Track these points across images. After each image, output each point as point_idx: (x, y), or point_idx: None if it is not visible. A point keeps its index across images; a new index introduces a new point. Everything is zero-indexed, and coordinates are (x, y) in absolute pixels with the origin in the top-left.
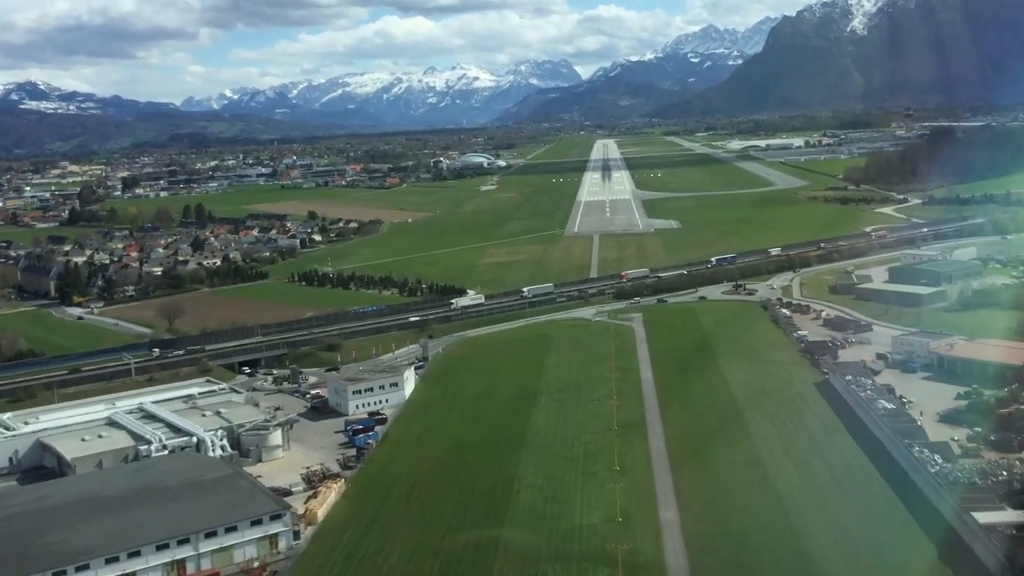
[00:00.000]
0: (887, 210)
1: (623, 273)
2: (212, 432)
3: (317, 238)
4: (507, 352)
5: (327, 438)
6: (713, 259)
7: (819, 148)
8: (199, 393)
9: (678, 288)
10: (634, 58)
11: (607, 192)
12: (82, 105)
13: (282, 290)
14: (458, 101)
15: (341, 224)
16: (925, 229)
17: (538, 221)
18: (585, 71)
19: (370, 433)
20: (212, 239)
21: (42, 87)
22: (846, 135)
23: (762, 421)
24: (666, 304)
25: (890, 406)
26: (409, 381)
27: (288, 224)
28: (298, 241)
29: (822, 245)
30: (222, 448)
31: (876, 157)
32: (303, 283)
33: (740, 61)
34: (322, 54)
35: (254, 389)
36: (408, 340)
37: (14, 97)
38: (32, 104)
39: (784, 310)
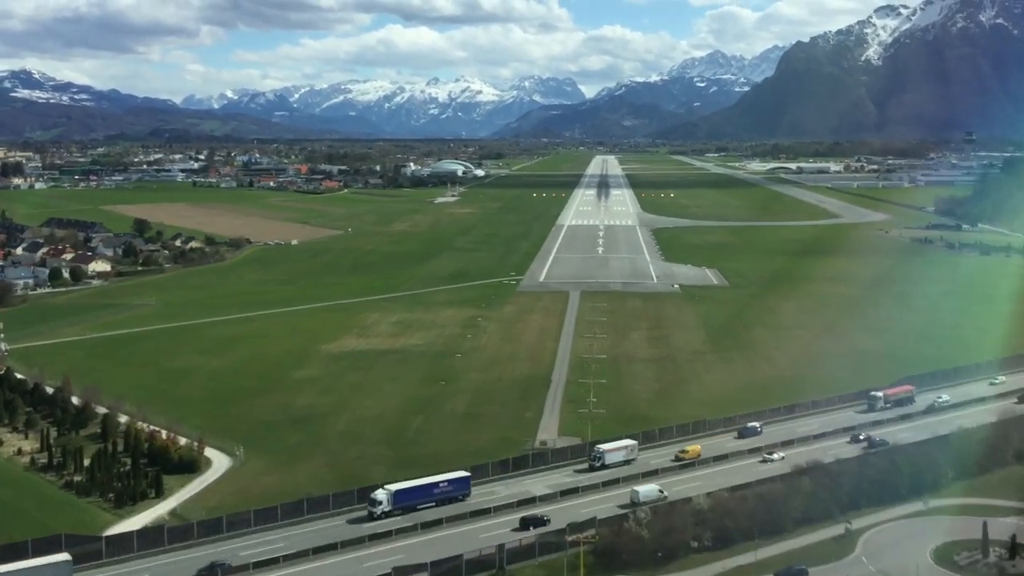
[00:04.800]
0: None
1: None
2: None
3: (97, 268)
4: None
5: None
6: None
7: (866, 174)
8: None
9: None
10: (639, 79)
11: (602, 215)
12: (76, 96)
13: None
14: (460, 114)
15: (177, 242)
16: None
17: (486, 256)
18: (589, 90)
19: None
20: None
21: (36, 76)
22: (889, 161)
23: None
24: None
25: None
26: None
27: (93, 238)
28: (48, 272)
29: None
30: None
31: (988, 188)
32: None
33: (746, 88)
34: (324, 59)
35: None
36: None
37: (7, 84)
38: (24, 92)
39: None
